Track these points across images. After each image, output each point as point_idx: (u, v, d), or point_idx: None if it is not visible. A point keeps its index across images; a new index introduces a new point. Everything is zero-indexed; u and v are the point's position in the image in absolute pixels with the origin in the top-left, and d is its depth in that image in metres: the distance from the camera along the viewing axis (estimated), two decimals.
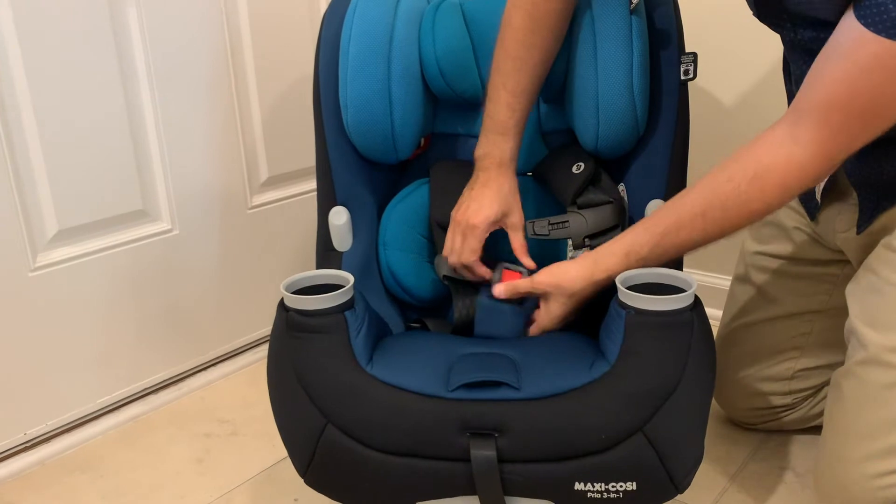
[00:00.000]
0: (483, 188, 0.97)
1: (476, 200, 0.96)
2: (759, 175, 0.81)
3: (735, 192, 0.82)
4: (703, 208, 0.85)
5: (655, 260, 0.87)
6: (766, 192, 0.81)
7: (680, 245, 0.87)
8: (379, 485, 0.84)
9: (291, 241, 1.51)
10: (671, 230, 0.86)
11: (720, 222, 0.85)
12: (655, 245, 0.87)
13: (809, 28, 0.82)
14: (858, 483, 0.86)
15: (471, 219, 0.96)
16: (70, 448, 1.21)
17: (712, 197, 0.85)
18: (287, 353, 0.87)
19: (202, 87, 1.31)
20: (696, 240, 0.86)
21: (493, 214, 0.96)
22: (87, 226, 1.21)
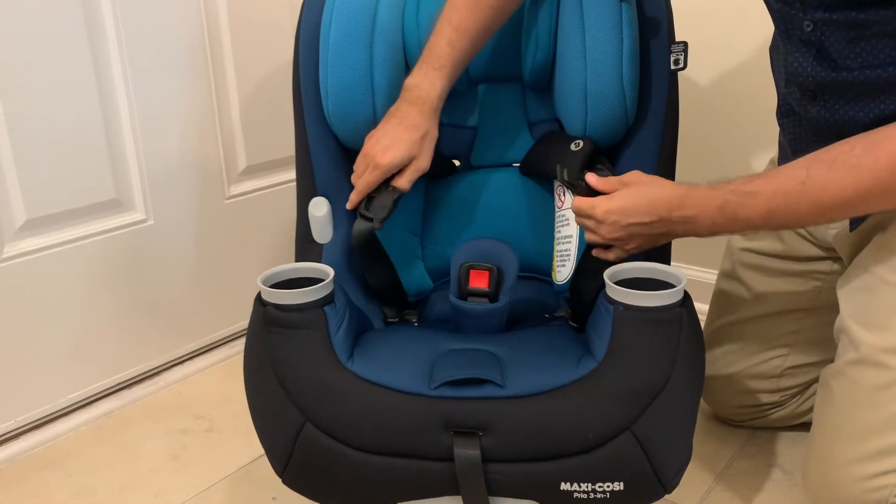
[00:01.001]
0: (398, 125, 0.94)
1: (387, 136, 0.94)
2: (874, 144, 0.75)
3: (846, 153, 0.76)
4: (810, 161, 0.78)
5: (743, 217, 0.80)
6: (878, 161, 0.74)
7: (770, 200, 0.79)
8: (359, 485, 0.82)
9: (270, 233, 1.48)
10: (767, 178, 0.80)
11: (821, 182, 0.77)
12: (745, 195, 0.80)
13: (821, 9, 0.80)
14: (848, 484, 0.85)
15: (378, 157, 0.93)
16: (40, 445, 1.18)
17: (821, 153, 0.78)
18: (264, 349, 0.85)
19: (178, 72, 1.28)
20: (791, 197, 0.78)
21: (400, 158, 0.93)
22: (57, 215, 1.17)
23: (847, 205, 0.78)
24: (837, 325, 0.91)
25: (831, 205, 0.78)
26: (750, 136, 1.38)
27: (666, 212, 0.83)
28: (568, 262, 1.03)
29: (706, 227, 0.83)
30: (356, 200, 0.96)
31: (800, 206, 0.78)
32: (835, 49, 0.81)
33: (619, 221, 0.84)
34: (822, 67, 0.83)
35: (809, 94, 0.86)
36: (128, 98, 1.22)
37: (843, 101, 0.82)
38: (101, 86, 1.19)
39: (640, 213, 0.84)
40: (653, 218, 0.83)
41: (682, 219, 0.83)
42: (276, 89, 1.41)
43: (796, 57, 0.86)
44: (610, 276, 0.85)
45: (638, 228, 0.84)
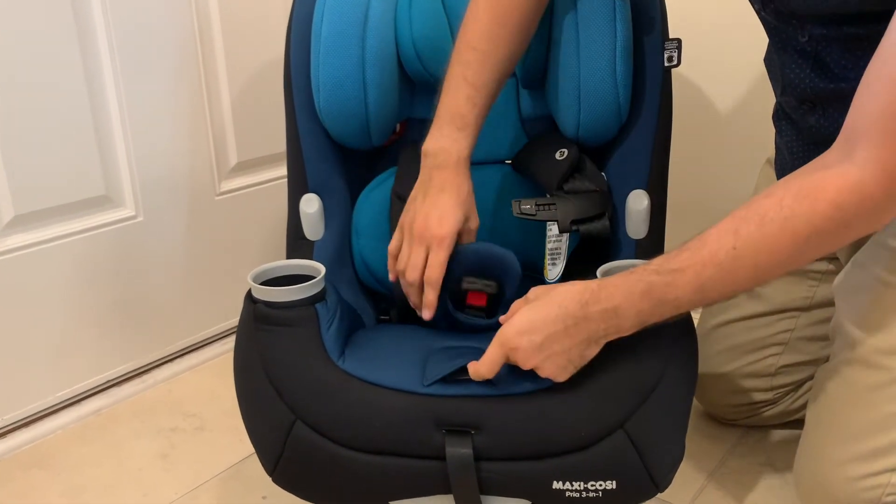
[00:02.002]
0: (441, 193, 0.87)
1: (437, 207, 0.86)
2: (805, 192, 0.68)
3: (777, 206, 0.69)
4: (736, 223, 0.71)
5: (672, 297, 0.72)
6: (815, 209, 0.67)
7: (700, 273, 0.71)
8: (350, 483, 0.82)
9: (261, 230, 1.47)
10: (692, 251, 0.72)
11: (755, 244, 0.69)
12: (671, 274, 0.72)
13: (819, 25, 0.79)
14: (841, 484, 0.85)
15: (434, 229, 0.85)
16: (27, 443, 1.17)
17: (746, 211, 0.71)
18: (254, 346, 0.84)
19: (168, 66, 1.26)
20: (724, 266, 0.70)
21: (458, 223, 0.86)
22: (45, 211, 1.16)
23: (786, 261, 0.71)
24: (833, 324, 0.91)
25: (769, 265, 0.71)
26: (744, 135, 1.38)
27: (580, 309, 0.74)
28: (559, 260, 1.03)
29: (631, 318, 0.74)
30: (434, 300, 0.86)
31: (735, 274, 0.71)
32: (832, 60, 0.80)
33: (534, 341, 0.74)
34: (819, 79, 0.83)
35: (808, 105, 0.86)
36: (117, 93, 1.21)
37: (842, 111, 0.82)
38: (91, 81, 1.18)
39: (551, 320, 0.74)
40: (567, 322, 0.74)
41: (602, 314, 0.73)
42: (268, 85, 1.40)
43: (793, 68, 0.86)
44: (602, 273, 0.85)
45: (558, 343, 0.74)
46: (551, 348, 0.75)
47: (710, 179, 1.43)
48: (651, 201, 0.98)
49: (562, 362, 0.76)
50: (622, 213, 1.00)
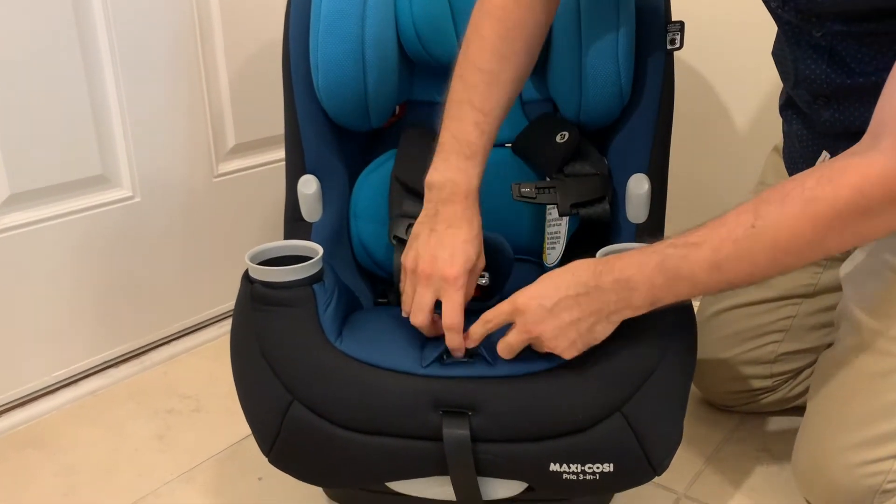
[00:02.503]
0: (449, 229, 0.80)
1: (445, 246, 0.79)
2: (829, 176, 0.67)
3: (798, 188, 0.67)
4: (756, 204, 0.68)
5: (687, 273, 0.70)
6: (838, 194, 0.65)
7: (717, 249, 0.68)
8: (347, 464, 0.81)
9: (259, 212, 1.47)
10: (711, 228, 0.70)
11: (774, 222, 0.67)
12: (687, 247, 0.70)
13: (839, 22, 0.77)
14: (841, 471, 0.85)
15: (445, 269, 0.78)
16: (23, 423, 1.16)
17: (769, 193, 0.69)
18: (251, 326, 0.83)
19: (166, 47, 1.25)
20: (742, 244, 0.68)
21: (470, 261, 0.80)
22: (41, 190, 1.15)
23: (806, 246, 0.68)
24: (839, 309, 0.90)
25: (788, 247, 0.68)
26: (748, 120, 1.38)
27: (593, 278, 0.72)
28: (558, 244, 1.02)
29: (644, 292, 0.71)
30: (461, 343, 0.79)
31: (753, 253, 0.68)
32: (849, 55, 0.79)
33: (544, 305, 0.72)
34: (836, 74, 0.81)
35: (823, 100, 0.84)
36: (114, 72, 1.20)
37: (859, 104, 0.80)
38: (87, 59, 1.17)
39: (564, 287, 0.72)
40: (579, 290, 0.72)
41: (614, 284, 0.71)
42: (267, 66, 1.39)
43: (808, 63, 0.84)
44: (602, 255, 0.84)
45: (567, 312, 0.72)
46: (560, 317, 0.72)
47: (713, 165, 1.43)
48: (651, 185, 0.98)
49: (571, 335, 0.73)
50: (622, 197, 0.99)
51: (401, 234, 0.94)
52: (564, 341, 0.74)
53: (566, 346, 0.74)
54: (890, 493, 0.83)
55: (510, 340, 0.77)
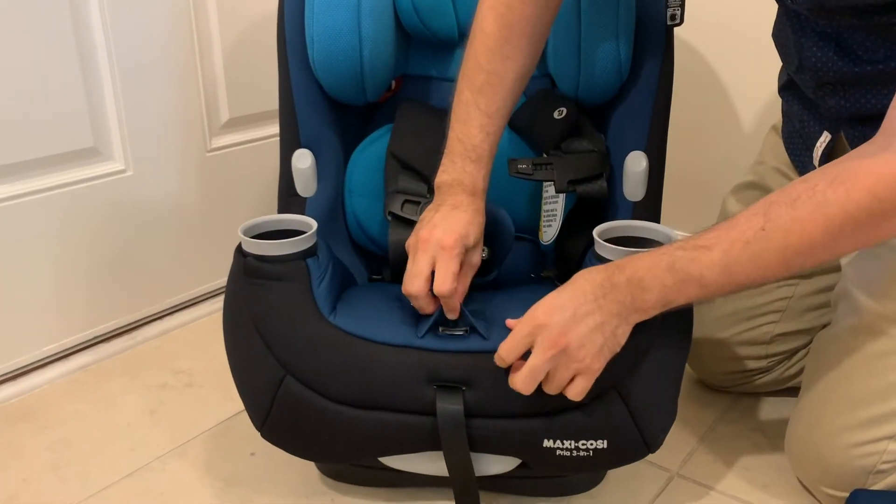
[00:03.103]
0: (454, 209, 0.82)
1: (447, 220, 0.80)
2: (841, 178, 0.66)
3: (809, 189, 0.67)
4: (766, 206, 0.68)
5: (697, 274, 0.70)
6: (850, 196, 0.65)
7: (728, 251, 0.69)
8: (340, 439, 0.81)
9: (254, 187, 1.45)
10: (721, 230, 0.70)
11: (785, 224, 0.67)
12: (697, 249, 0.70)
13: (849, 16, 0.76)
14: (836, 451, 0.85)
15: (441, 237, 0.79)
16: (14, 397, 1.16)
17: (779, 195, 0.69)
18: (244, 300, 0.83)
19: (159, 17, 1.23)
20: (752, 246, 0.68)
21: (468, 238, 0.80)
22: (31, 162, 1.14)
23: (818, 248, 0.68)
24: (838, 290, 0.90)
25: (799, 248, 0.68)
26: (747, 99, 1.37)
27: (607, 279, 0.72)
28: (554, 221, 1.02)
29: (656, 292, 0.71)
30: (457, 307, 0.79)
31: (763, 255, 0.68)
32: (856, 43, 0.78)
33: (565, 314, 0.71)
34: (843, 62, 0.80)
35: (829, 87, 0.83)
36: (106, 43, 1.18)
37: (866, 91, 0.79)
38: (78, 28, 1.15)
39: (580, 293, 0.72)
40: (597, 293, 0.71)
41: (628, 283, 0.71)
42: (262, 38, 1.37)
43: (813, 51, 0.82)
44: (599, 233, 0.84)
45: (591, 316, 0.71)
46: (585, 322, 0.71)
47: (711, 143, 1.42)
48: (649, 163, 0.97)
49: (598, 340, 0.72)
50: (620, 175, 0.98)
51: (396, 210, 0.93)
52: (592, 347, 0.72)
53: (595, 352, 0.72)
54: (883, 473, 0.83)
55: (534, 365, 0.73)
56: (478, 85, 0.85)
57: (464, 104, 0.86)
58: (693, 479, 0.97)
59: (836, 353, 0.87)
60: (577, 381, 0.74)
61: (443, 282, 0.78)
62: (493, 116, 0.85)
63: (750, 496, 0.94)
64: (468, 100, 0.86)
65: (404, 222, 0.92)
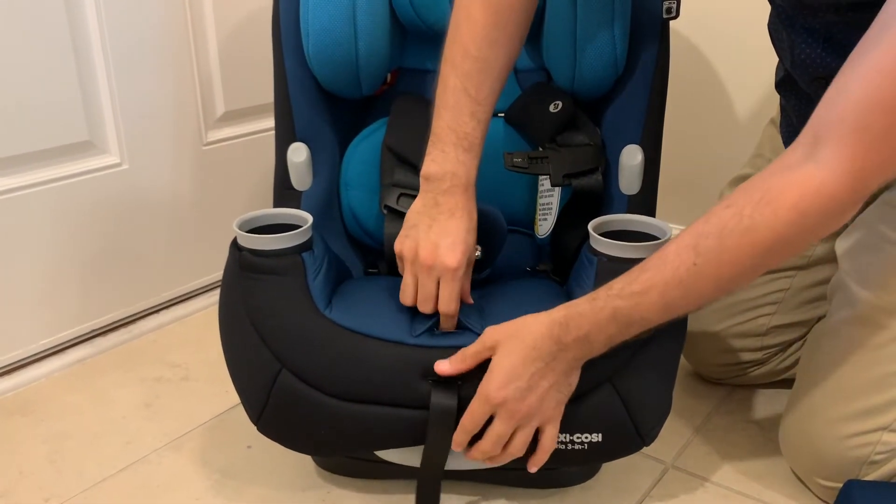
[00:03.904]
0: (451, 219, 0.81)
1: (447, 235, 0.80)
2: (767, 200, 0.66)
3: (736, 216, 0.67)
4: (695, 239, 0.69)
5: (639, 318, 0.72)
6: (777, 216, 0.65)
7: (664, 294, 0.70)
8: (336, 432, 0.81)
9: (249, 181, 1.45)
10: (653, 271, 0.71)
11: (715, 257, 0.68)
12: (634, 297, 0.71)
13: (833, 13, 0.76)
14: (830, 442, 0.85)
15: (446, 259, 0.79)
16: (10, 391, 1.16)
17: (705, 225, 0.69)
18: (239, 294, 0.83)
19: (155, 10, 1.23)
20: (686, 283, 0.69)
21: (469, 252, 0.81)
22: (27, 156, 1.14)
23: (750, 271, 0.69)
24: (834, 281, 0.90)
25: (732, 277, 0.69)
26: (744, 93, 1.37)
27: (555, 344, 0.73)
28: (550, 215, 1.02)
29: (602, 341, 0.74)
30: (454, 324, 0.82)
31: (699, 289, 0.70)
32: (844, 37, 0.78)
33: (520, 386, 0.74)
34: (831, 57, 0.80)
35: (821, 81, 0.83)
36: (101, 36, 1.17)
37: None
38: (73, 21, 1.14)
39: (530, 361, 0.74)
40: (546, 360, 0.74)
41: (576, 342, 0.73)
42: (257, 31, 1.37)
43: (803, 48, 0.83)
44: (594, 227, 0.84)
45: (544, 379, 0.74)
46: (540, 385, 0.75)
47: (706, 136, 1.42)
48: (645, 157, 0.97)
49: (555, 397, 0.76)
50: (615, 168, 0.98)
51: (392, 204, 0.93)
52: (551, 402, 0.76)
53: (554, 405, 0.76)
54: (877, 463, 0.83)
55: (499, 432, 0.76)
56: (466, 71, 0.83)
57: (451, 91, 0.83)
58: (688, 471, 0.97)
59: (831, 344, 0.87)
60: (547, 430, 0.77)
61: (447, 303, 0.80)
62: (483, 104, 0.84)
63: (744, 488, 0.94)
64: (456, 86, 0.83)
65: (400, 216, 0.92)
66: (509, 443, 0.77)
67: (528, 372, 0.74)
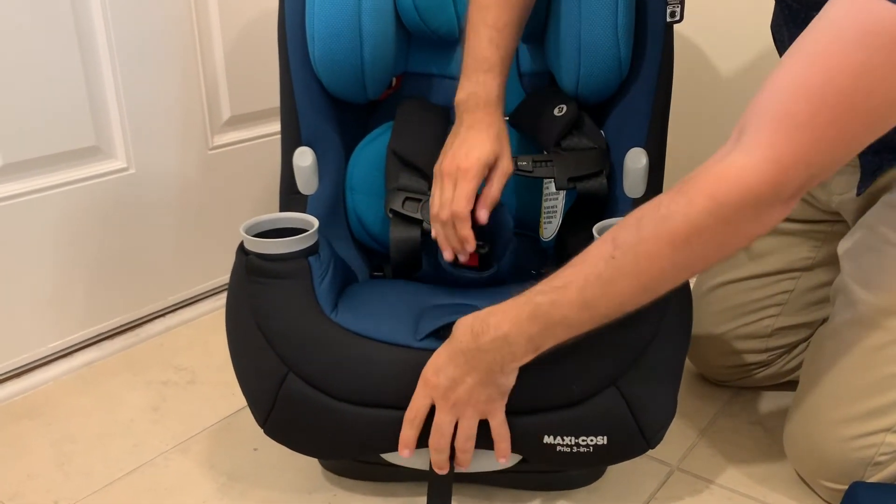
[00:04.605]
0: (470, 130, 0.86)
1: (465, 143, 0.85)
2: (684, 189, 0.64)
3: (654, 207, 0.66)
4: (615, 231, 0.68)
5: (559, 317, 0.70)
6: (692, 203, 0.63)
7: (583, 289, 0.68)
8: (342, 436, 0.82)
9: (255, 185, 1.46)
10: (575, 266, 0.69)
11: (632, 249, 0.65)
12: (555, 291, 0.69)
13: None
14: (834, 444, 0.85)
15: (461, 162, 0.83)
16: (18, 394, 1.16)
17: (627, 218, 0.68)
18: (246, 298, 0.83)
19: (161, 15, 1.24)
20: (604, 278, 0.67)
21: (486, 155, 0.84)
22: (35, 161, 1.14)
23: (669, 267, 0.66)
24: (836, 284, 0.90)
25: (651, 272, 0.66)
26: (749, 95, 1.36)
27: (473, 341, 0.72)
28: (554, 218, 1.02)
29: (523, 343, 0.71)
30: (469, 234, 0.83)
31: (618, 284, 0.67)
32: None
33: (448, 375, 0.74)
34: None
35: None
36: (108, 41, 1.18)
37: None
38: (80, 28, 1.15)
39: (453, 354, 0.74)
40: (467, 356, 0.73)
41: (492, 343, 0.71)
42: (263, 36, 1.37)
43: None
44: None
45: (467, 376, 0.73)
46: (465, 381, 0.74)
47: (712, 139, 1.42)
48: (649, 160, 0.97)
49: (484, 392, 0.75)
50: (620, 172, 0.99)
51: (397, 208, 0.94)
52: (481, 397, 0.75)
53: (485, 400, 0.75)
54: (881, 465, 0.83)
55: (438, 421, 0.77)
56: (486, 4, 0.88)
57: (472, 25, 0.88)
58: (693, 473, 0.97)
59: (833, 346, 0.87)
60: (491, 422, 0.77)
61: (457, 201, 0.83)
62: (502, 31, 0.87)
63: (750, 490, 0.94)
64: (475, 19, 0.88)
65: (405, 220, 0.93)
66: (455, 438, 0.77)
67: (453, 364, 0.74)
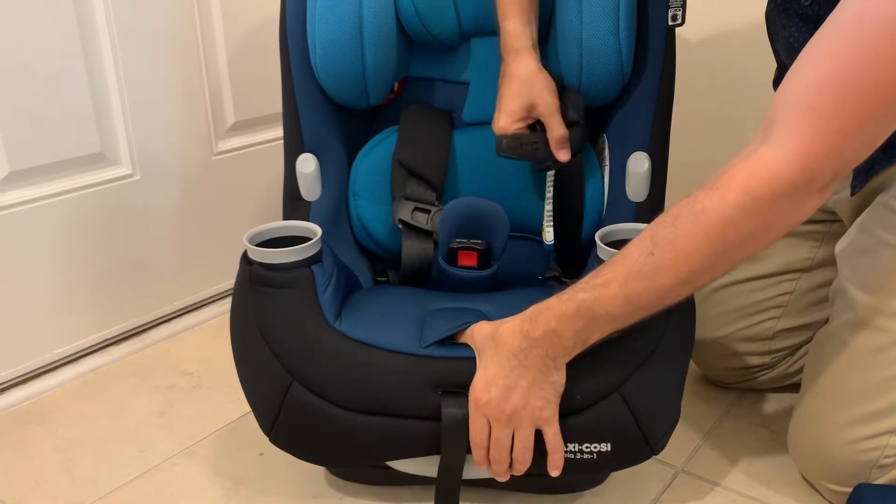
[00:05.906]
0: (500, 88, 0.93)
1: (497, 110, 0.93)
2: (717, 184, 0.67)
3: (689, 203, 0.68)
4: (653, 229, 0.70)
5: (603, 312, 0.72)
6: (725, 198, 0.66)
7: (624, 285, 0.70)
8: (347, 444, 0.82)
9: (259, 191, 1.46)
10: (615, 263, 0.72)
11: (671, 245, 0.68)
12: (596, 289, 0.71)
13: None
14: (838, 447, 0.85)
15: (498, 122, 0.92)
16: (25, 400, 1.17)
17: (664, 215, 0.70)
18: (250, 308, 0.84)
19: (164, 22, 1.24)
20: (644, 274, 0.69)
21: (517, 111, 0.91)
22: (40, 168, 1.15)
23: (707, 261, 0.68)
24: (834, 286, 0.90)
25: (689, 267, 0.68)
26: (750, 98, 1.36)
27: (524, 340, 0.74)
28: None
29: (571, 338, 0.73)
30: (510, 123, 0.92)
31: (658, 280, 0.69)
32: None
33: (497, 385, 0.74)
34: None
35: None
36: (113, 49, 1.19)
37: None
38: (85, 36, 1.15)
39: (503, 361, 0.74)
40: (519, 357, 0.74)
41: (544, 337, 0.73)
42: (266, 43, 1.38)
43: (793, 33, 0.84)
44: (601, 236, 0.84)
45: (522, 378, 0.74)
46: (519, 385, 0.75)
47: (713, 142, 1.42)
48: (652, 164, 0.97)
49: (539, 395, 0.75)
50: (622, 176, 0.99)
51: (406, 218, 0.95)
52: (537, 401, 0.75)
53: (541, 404, 0.76)
54: (886, 467, 0.83)
55: (495, 437, 0.77)
56: None
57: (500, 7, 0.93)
58: (698, 476, 0.98)
59: (833, 349, 0.87)
60: (546, 432, 0.77)
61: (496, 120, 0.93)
62: None
63: (754, 492, 0.94)
64: None
65: (415, 231, 0.94)
66: (513, 449, 0.78)
67: (504, 371, 0.75)
